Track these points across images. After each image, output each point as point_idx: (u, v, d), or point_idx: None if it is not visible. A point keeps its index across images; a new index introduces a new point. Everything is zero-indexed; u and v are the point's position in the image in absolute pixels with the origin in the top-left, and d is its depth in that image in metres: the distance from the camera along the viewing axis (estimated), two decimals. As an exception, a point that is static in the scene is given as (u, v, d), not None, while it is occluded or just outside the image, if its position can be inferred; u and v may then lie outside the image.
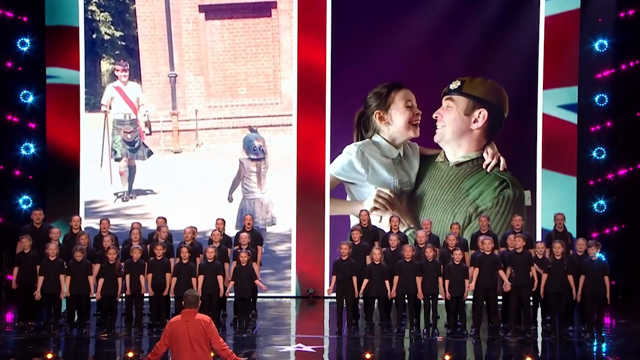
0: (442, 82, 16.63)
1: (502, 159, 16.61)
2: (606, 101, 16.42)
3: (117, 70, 17.00)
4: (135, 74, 17.00)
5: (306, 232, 16.71)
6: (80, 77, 16.86)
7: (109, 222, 14.51)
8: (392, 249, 13.64)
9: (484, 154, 16.68)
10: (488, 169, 16.66)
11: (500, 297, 13.50)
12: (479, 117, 16.63)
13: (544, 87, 16.48)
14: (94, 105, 17.05)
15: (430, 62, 16.63)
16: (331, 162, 16.79)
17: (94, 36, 16.99)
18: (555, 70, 16.43)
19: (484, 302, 13.17)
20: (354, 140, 16.83)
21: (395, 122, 16.74)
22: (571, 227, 15.33)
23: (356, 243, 13.70)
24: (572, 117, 16.43)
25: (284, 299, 16.62)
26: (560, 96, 16.43)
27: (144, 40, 16.97)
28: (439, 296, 13.36)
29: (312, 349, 12.36)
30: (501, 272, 13.04)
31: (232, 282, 13.34)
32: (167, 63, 17.00)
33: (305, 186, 16.76)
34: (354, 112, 16.82)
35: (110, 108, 17.05)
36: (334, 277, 13.33)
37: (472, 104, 16.65)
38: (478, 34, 16.62)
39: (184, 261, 13.24)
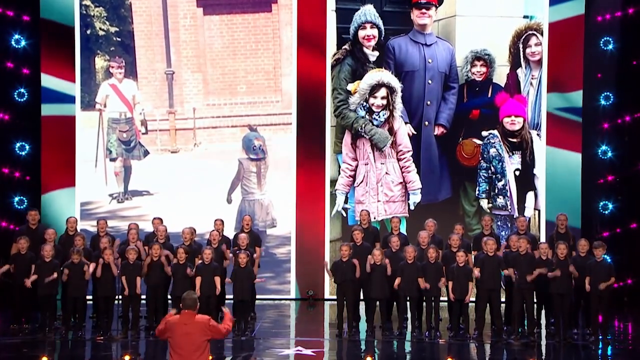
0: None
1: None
2: (611, 100, 16.32)
3: (112, 67, 16.79)
4: (131, 71, 16.79)
5: (306, 233, 16.52)
6: (75, 74, 16.64)
7: (106, 222, 14.35)
8: (394, 250, 13.49)
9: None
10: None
11: (503, 300, 13.38)
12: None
13: (548, 91, 16.35)
14: (88, 104, 16.85)
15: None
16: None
17: (88, 32, 16.77)
18: (560, 76, 16.28)
19: (487, 305, 13.03)
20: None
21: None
22: (576, 228, 15.20)
23: (358, 244, 13.56)
24: (576, 118, 16.28)
25: (283, 301, 16.46)
26: (565, 101, 16.30)
27: (140, 36, 16.77)
28: (441, 298, 13.22)
29: (312, 352, 12.26)
30: (506, 270, 12.92)
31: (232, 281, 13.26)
32: (164, 60, 16.81)
33: (305, 187, 16.55)
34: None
35: (105, 106, 16.85)
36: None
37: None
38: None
39: (181, 262, 13.10)
